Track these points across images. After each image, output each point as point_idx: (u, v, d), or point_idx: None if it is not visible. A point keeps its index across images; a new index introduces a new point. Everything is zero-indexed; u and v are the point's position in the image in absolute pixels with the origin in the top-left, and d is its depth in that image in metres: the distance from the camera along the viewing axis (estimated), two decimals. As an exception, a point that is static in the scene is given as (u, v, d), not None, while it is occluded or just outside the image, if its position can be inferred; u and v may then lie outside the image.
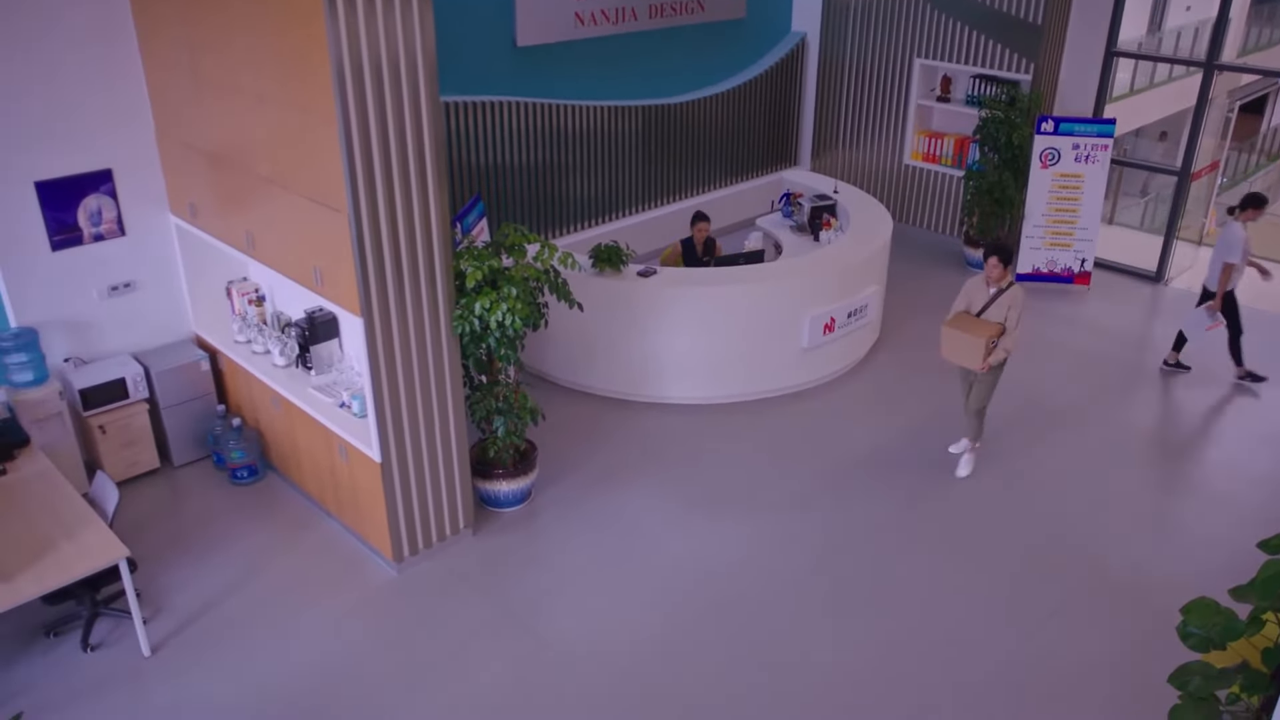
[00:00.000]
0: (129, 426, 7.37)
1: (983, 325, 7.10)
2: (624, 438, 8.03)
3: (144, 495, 7.32)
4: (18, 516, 5.95)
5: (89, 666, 5.81)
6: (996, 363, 7.14)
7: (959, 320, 7.23)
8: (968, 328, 7.10)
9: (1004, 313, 7.10)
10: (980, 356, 7.03)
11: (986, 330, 7.04)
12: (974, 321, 7.16)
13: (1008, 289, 7.11)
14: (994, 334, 7.03)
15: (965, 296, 7.33)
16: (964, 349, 7.13)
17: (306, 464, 7.07)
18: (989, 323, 7.12)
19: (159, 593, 6.35)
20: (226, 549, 6.77)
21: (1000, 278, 7.08)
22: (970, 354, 7.10)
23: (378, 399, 5.99)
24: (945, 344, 7.27)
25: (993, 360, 7.09)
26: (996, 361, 7.12)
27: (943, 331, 7.23)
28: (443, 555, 6.67)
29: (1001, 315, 7.11)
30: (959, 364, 7.30)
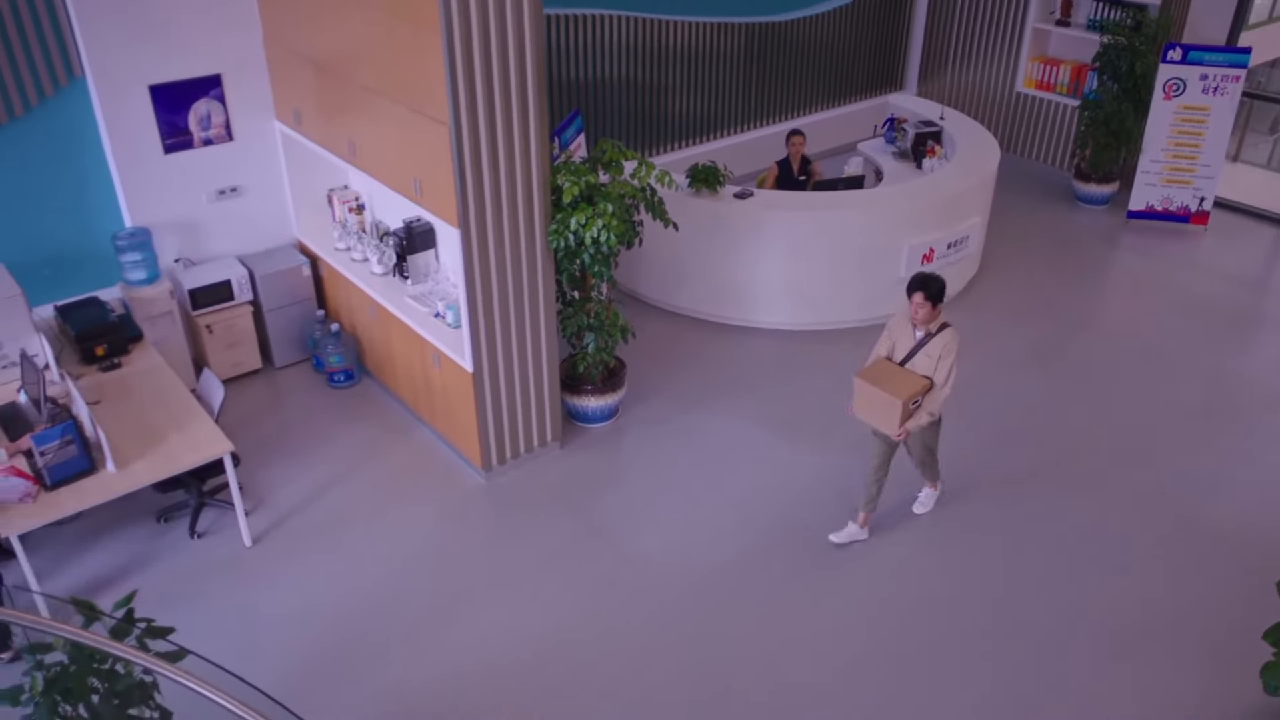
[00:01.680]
0: (234, 327, 7.63)
1: (904, 380, 5.61)
2: (712, 361, 8.02)
3: (247, 394, 7.59)
4: (132, 408, 6.25)
5: (195, 553, 6.13)
6: (917, 428, 5.70)
7: (877, 370, 5.72)
8: (884, 381, 5.61)
9: (932, 364, 5.60)
10: (897, 420, 5.57)
11: (907, 387, 5.55)
12: (894, 373, 5.67)
13: (938, 333, 5.62)
14: (916, 392, 5.55)
15: (888, 337, 5.84)
16: (878, 409, 5.65)
17: (401, 371, 7.24)
18: (912, 376, 5.62)
19: (260, 487, 6.62)
20: (323, 449, 7.01)
21: (928, 318, 5.57)
22: (885, 415, 5.63)
23: (472, 310, 6.07)
24: (857, 399, 5.78)
25: (912, 426, 5.63)
26: (917, 427, 5.68)
27: (855, 383, 5.72)
28: (530, 467, 6.80)
29: (929, 367, 5.60)
30: (873, 425, 5.83)
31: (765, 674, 5.29)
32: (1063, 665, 5.36)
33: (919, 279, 5.53)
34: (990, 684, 5.25)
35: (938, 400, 5.62)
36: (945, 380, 5.60)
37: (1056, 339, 8.37)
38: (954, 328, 5.63)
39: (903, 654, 5.43)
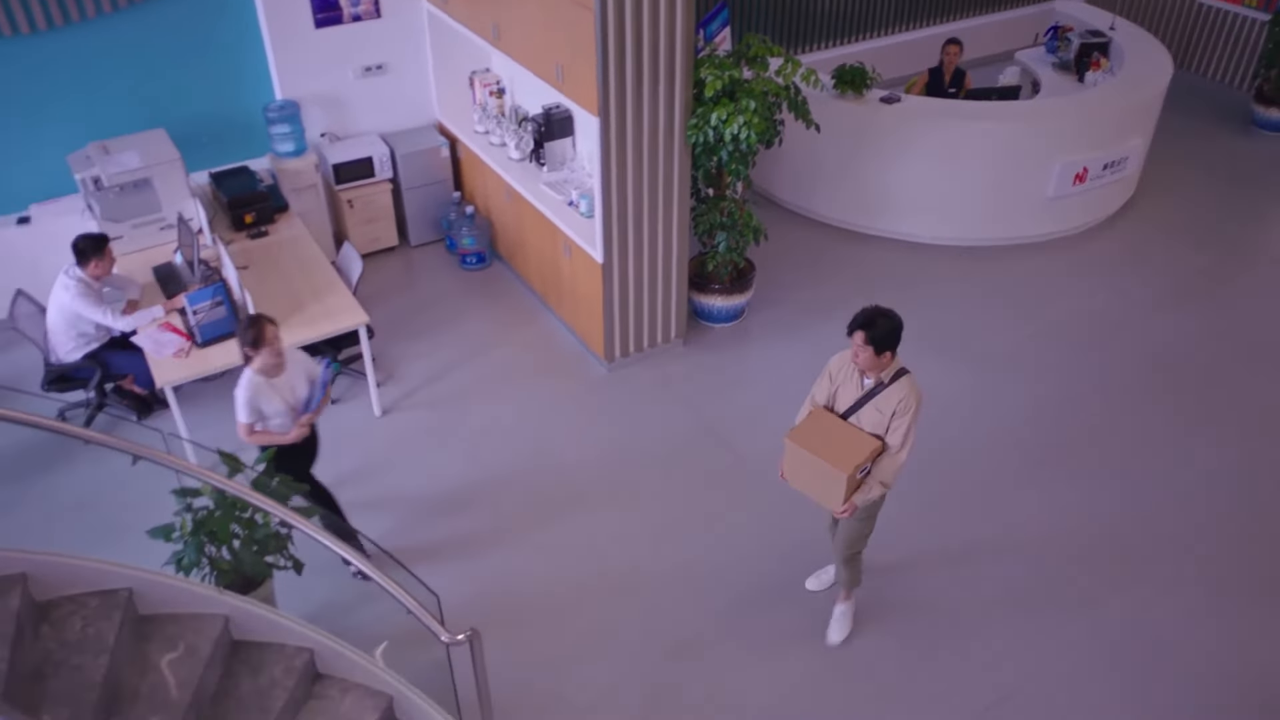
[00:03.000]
0: (373, 203, 7.81)
1: (848, 441, 4.36)
2: (844, 269, 7.85)
3: (383, 270, 7.81)
4: (276, 275, 6.50)
5: (329, 418, 6.40)
6: (866, 503, 4.49)
7: (813, 428, 4.47)
8: (824, 443, 4.37)
9: (883, 421, 4.33)
10: (841, 493, 4.33)
11: (853, 452, 4.31)
12: (835, 431, 4.41)
13: (892, 382, 4.33)
14: (865, 458, 4.31)
15: (828, 380, 4.57)
16: (817, 478, 4.40)
17: (532, 257, 7.32)
18: (858, 436, 4.37)
19: (391, 361, 6.86)
20: (453, 329, 7.19)
21: (872, 366, 4.29)
22: (826, 487, 4.38)
23: (606, 201, 6.05)
24: (788, 463, 4.55)
25: (860, 500, 4.41)
26: (867, 502, 4.46)
27: (786, 445, 4.50)
28: (652, 361, 6.84)
29: (879, 424, 4.34)
30: (810, 496, 4.59)
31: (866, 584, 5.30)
32: None
33: (861, 315, 4.22)
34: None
35: (892, 469, 4.35)
36: (902, 443, 4.31)
37: (1213, 273, 7.89)
38: (913, 376, 4.33)
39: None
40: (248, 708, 4.18)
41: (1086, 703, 4.74)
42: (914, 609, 5.19)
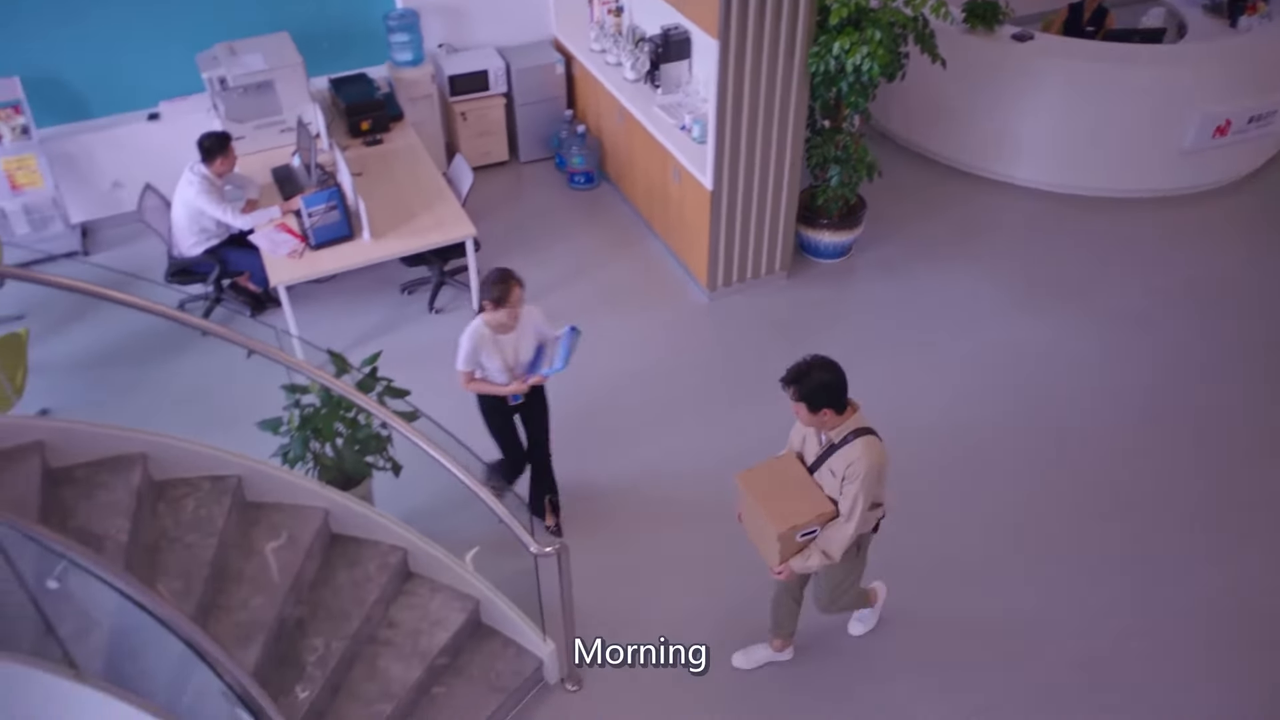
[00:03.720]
0: (486, 117, 7.84)
1: (800, 496, 3.90)
2: (958, 212, 7.61)
3: (492, 184, 7.86)
4: (388, 183, 6.60)
5: (432, 326, 6.55)
6: (804, 570, 4.03)
7: (772, 473, 4.05)
8: (773, 493, 3.94)
9: (836, 484, 3.83)
10: (775, 552, 3.95)
11: (796, 511, 3.86)
12: (793, 482, 3.95)
13: (842, 444, 3.81)
14: (807, 521, 3.86)
15: (798, 430, 4.08)
16: (758, 529, 4.04)
17: (640, 180, 7.28)
18: (813, 494, 3.90)
19: (495, 275, 6.93)
20: (557, 247, 7.23)
21: (815, 424, 3.84)
22: (766, 541, 4.00)
23: (719, 127, 5.95)
24: (742, 504, 4.20)
25: (797, 566, 3.97)
26: (805, 570, 4.01)
27: (738, 485, 4.09)
28: (754, 292, 6.78)
29: (834, 487, 3.85)
30: (755, 545, 4.22)
31: (946, 533, 5.23)
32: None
33: (794, 368, 3.79)
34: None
35: (837, 540, 3.87)
36: (849, 513, 3.80)
37: (1358, 239, 7.43)
38: (871, 440, 3.76)
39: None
40: (343, 598, 4.37)
41: None
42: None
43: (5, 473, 4.04)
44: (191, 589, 4.05)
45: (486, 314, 4.49)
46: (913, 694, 4.56)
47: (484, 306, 4.48)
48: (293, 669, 4.13)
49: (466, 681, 4.41)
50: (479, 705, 4.33)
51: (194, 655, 3.41)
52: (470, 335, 4.58)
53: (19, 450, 4.15)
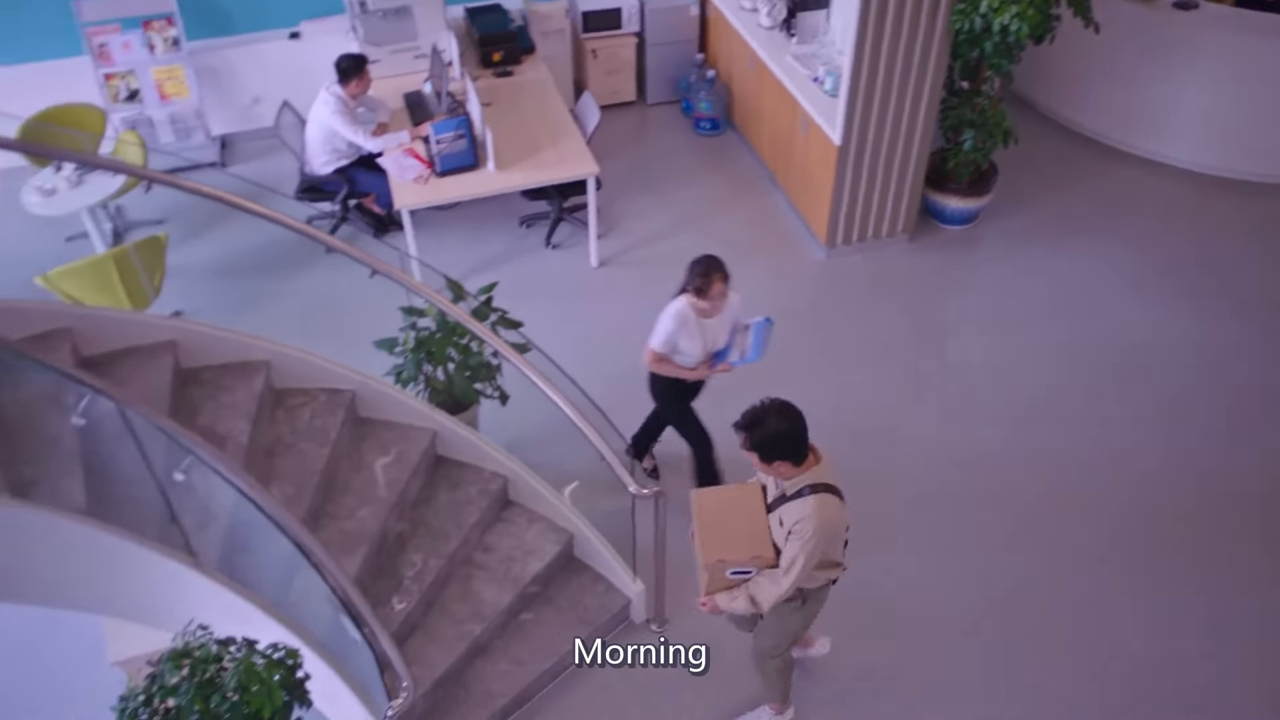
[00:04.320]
0: (616, 55, 7.80)
1: (743, 534, 3.59)
2: (1097, 187, 7.28)
3: (617, 124, 7.83)
4: (516, 115, 6.63)
5: (547, 261, 6.60)
6: (729, 610, 3.70)
7: (728, 499, 3.77)
8: (716, 521, 3.66)
9: (782, 535, 3.49)
10: (703, 584, 3.67)
11: (730, 547, 3.57)
12: (745, 516, 3.64)
13: (795, 497, 3.44)
14: (741, 560, 3.57)
15: None
16: (699, 551, 3.64)
17: (766, 130, 7.16)
18: (759, 536, 3.57)
19: (614, 214, 6.94)
20: (678, 192, 7.19)
21: (778, 472, 3.47)
22: (700, 568, 3.65)
23: (854, 81, 5.80)
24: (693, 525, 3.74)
25: (723, 604, 3.65)
26: (730, 610, 3.69)
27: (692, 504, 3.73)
28: (874, 253, 6.64)
29: (780, 536, 3.51)
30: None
31: (1042, 504, 5.08)
32: None
33: (749, 412, 3.45)
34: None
35: (767, 592, 3.54)
36: (787, 569, 3.46)
37: None
38: (827, 498, 3.41)
39: (1227, 542, 5.00)
40: (443, 518, 4.50)
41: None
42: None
43: (141, 368, 4.26)
44: (302, 494, 4.21)
45: (689, 297, 4.31)
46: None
47: (684, 289, 4.32)
48: (391, 581, 4.27)
49: (555, 611, 4.50)
50: (565, 636, 4.42)
51: (301, 557, 3.56)
52: (673, 316, 4.38)
53: (154, 348, 4.36)
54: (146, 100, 7.04)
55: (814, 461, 3.46)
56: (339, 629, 3.74)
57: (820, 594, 3.77)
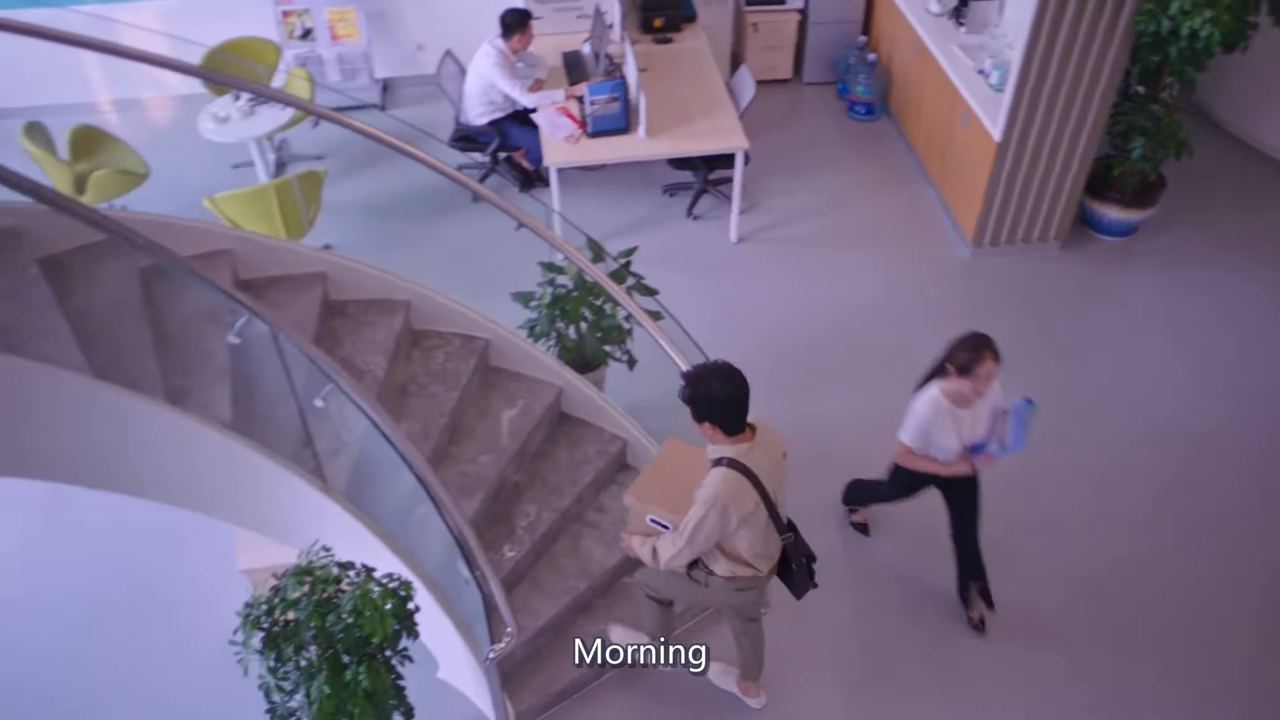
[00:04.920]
0: (777, 31, 7.70)
1: (670, 489, 3.60)
2: (1276, 214, 6.83)
3: (771, 100, 7.74)
4: (671, 82, 6.62)
5: (687, 232, 6.60)
6: (634, 555, 3.68)
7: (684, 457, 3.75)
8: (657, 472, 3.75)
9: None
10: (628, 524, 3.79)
11: (653, 496, 3.63)
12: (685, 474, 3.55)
13: (713, 466, 3.35)
14: (653, 508, 3.61)
15: None
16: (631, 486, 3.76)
17: (924, 120, 6.98)
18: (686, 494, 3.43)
19: (758, 191, 6.88)
20: (825, 174, 7.08)
21: (705, 435, 3.36)
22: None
23: (1022, 76, 5.59)
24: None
25: (635, 548, 3.63)
26: (634, 554, 3.67)
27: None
28: (1021, 256, 6.41)
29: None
30: None
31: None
32: None
33: (691, 369, 3.47)
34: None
35: (663, 548, 3.50)
36: (681, 532, 3.40)
37: None
38: (730, 474, 3.29)
39: None
40: (560, 473, 4.57)
41: None
42: None
43: (293, 296, 4.44)
44: (428, 434, 4.34)
45: (945, 381, 3.90)
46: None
47: (944, 370, 3.91)
48: (504, 528, 4.37)
49: (659, 578, 4.53)
50: (666, 603, 4.45)
51: (423, 494, 3.67)
52: (927, 404, 3.97)
53: (305, 278, 4.54)
54: (318, 39, 7.29)
55: (746, 438, 3.33)
56: (450, 567, 3.86)
57: (738, 596, 3.66)
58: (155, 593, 4.93)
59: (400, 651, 3.32)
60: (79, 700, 4.57)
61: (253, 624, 3.24)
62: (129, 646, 4.75)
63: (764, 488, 3.35)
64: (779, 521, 3.49)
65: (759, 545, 3.49)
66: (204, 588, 4.81)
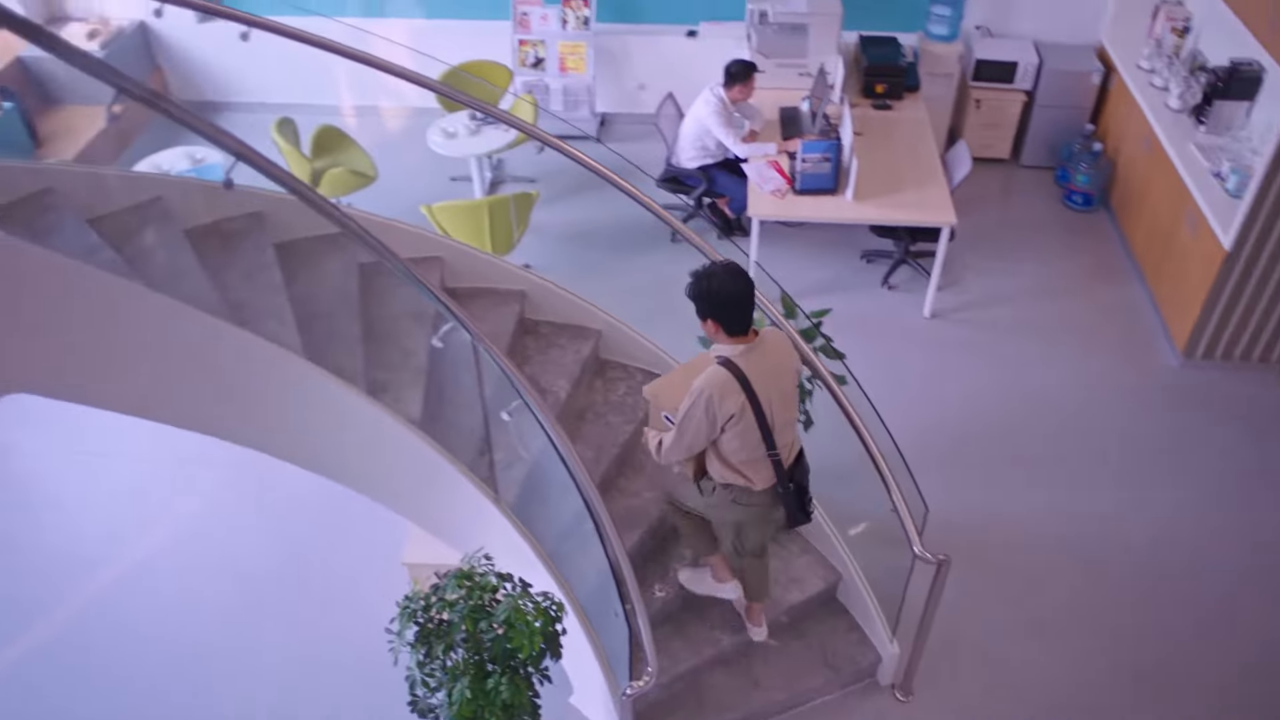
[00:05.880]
0: (1000, 110, 7.53)
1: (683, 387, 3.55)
2: None
3: (984, 178, 7.55)
4: (885, 149, 6.57)
5: (880, 300, 6.52)
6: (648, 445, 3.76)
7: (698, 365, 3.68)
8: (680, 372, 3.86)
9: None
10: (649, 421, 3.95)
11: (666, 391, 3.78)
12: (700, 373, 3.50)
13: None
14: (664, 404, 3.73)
15: None
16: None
17: (1145, 218, 6.66)
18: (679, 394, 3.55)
19: (959, 268, 6.73)
20: (1032, 260, 6.86)
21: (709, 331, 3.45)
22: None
23: (1264, 185, 5.26)
24: None
25: (649, 440, 3.76)
26: (649, 445, 3.76)
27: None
28: (1239, 374, 6.00)
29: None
30: None
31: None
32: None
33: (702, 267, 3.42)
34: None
35: (665, 440, 3.61)
36: (676, 424, 3.53)
37: None
38: (718, 371, 3.37)
39: None
40: (720, 522, 4.55)
41: None
42: None
43: (493, 308, 4.63)
44: (599, 461, 4.42)
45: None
46: None
47: None
48: (657, 567, 4.39)
49: (803, 646, 4.45)
50: (806, 673, 4.36)
51: (586, 520, 3.73)
52: None
53: (506, 294, 4.73)
54: (548, 69, 7.62)
55: (746, 340, 3.40)
56: (601, 596, 3.90)
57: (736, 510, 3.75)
58: (320, 567, 5.19)
59: (542, 670, 3.38)
60: (229, 659, 4.84)
61: (409, 617, 3.37)
62: (286, 613, 5.02)
63: (755, 394, 3.39)
64: (768, 434, 3.51)
65: (746, 451, 3.54)
66: (366, 573, 5.03)
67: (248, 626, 4.96)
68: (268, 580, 5.15)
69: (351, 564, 5.17)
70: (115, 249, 3.99)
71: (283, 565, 5.21)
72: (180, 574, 5.21)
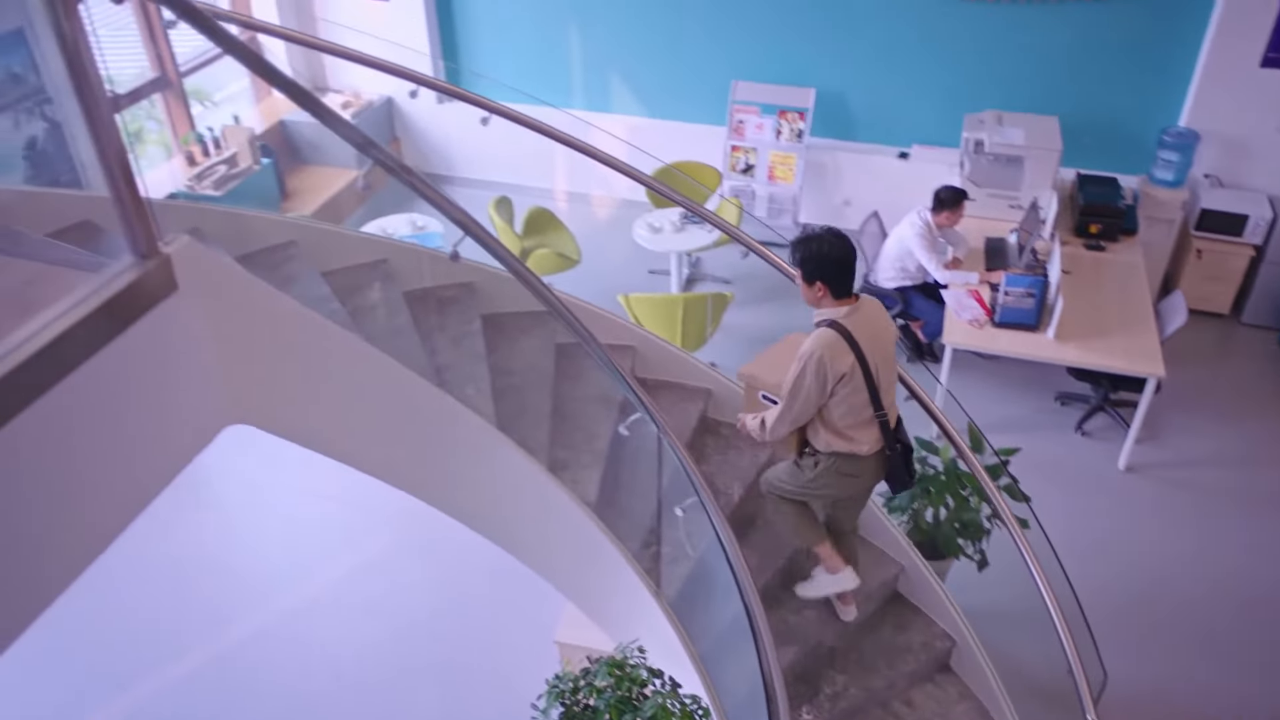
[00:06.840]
0: (1224, 263, 7.18)
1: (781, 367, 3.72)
2: None
3: (1199, 332, 7.17)
4: (1094, 291, 6.36)
5: (1072, 446, 6.25)
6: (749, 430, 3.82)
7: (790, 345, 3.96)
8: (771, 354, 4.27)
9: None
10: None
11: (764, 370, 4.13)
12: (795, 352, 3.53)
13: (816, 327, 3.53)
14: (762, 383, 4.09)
15: None
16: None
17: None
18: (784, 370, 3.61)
19: (1160, 422, 6.38)
20: (1243, 424, 6.44)
21: (815, 299, 3.53)
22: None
23: None
24: None
25: (748, 424, 3.83)
26: (749, 430, 3.82)
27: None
28: None
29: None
30: None
31: None
32: None
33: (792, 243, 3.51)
34: None
35: (770, 414, 3.69)
36: (784, 394, 3.58)
37: None
38: (827, 331, 3.43)
39: None
40: (879, 653, 4.41)
41: None
42: None
43: (678, 402, 4.71)
44: (763, 570, 4.35)
45: None
46: None
47: None
48: (808, 688, 4.26)
49: (953, 799, 4.21)
50: (954, 827, 4.12)
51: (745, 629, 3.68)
52: None
53: (693, 390, 4.80)
54: (756, 176, 7.80)
55: (850, 302, 3.47)
56: (749, 709, 3.81)
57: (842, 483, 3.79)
58: (475, 630, 5.31)
59: (680, 773, 3.32)
60: (376, 695, 4.98)
61: (556, 696, 3.39)
62: (436, 666, 5.15)
63: (863, 353, 3.44)
64: (875, 395, 3.53)
65: (854, 414, 3.57)
66: (518, 643, 5.12)
67: (398, 673, 5.11)
68: (416, 633, 5.30)
69: (505, 632, 5.27)
70: (341, 301, 4.30)
71: (434, 620, 5.36)
72: (345, 611, 5.44)
